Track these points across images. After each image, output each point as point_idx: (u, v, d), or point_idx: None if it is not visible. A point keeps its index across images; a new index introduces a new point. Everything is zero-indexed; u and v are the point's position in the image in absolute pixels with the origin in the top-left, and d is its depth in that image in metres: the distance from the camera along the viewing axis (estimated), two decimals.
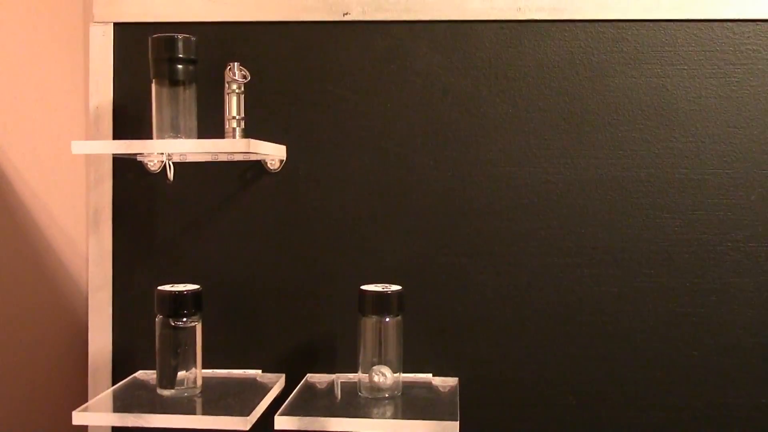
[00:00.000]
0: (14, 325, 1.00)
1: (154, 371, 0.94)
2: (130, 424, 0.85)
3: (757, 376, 0.97)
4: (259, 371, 1.02)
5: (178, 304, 0.90)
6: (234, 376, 1.01)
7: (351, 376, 0.98)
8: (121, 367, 1.04)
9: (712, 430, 0.98)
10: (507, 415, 1.00)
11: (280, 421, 0.84)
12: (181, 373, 0.92)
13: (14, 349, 1.00)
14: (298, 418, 0.84)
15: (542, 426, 1.00)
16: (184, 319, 0.91)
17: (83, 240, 1.14)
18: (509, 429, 1.00)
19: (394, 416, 0.86)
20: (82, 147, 0.85)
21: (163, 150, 0.84)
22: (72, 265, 1.12)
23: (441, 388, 0.96)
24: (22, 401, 1.02)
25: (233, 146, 0.84)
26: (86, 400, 1.04)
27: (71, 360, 1.15)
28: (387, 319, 0.91)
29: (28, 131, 1.02)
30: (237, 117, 0.91)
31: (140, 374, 1.02)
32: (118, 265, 1.04)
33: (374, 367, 0.91)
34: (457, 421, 0.83)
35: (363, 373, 0.93)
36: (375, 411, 0.87)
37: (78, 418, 0.85)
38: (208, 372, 1.00)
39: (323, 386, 0.98)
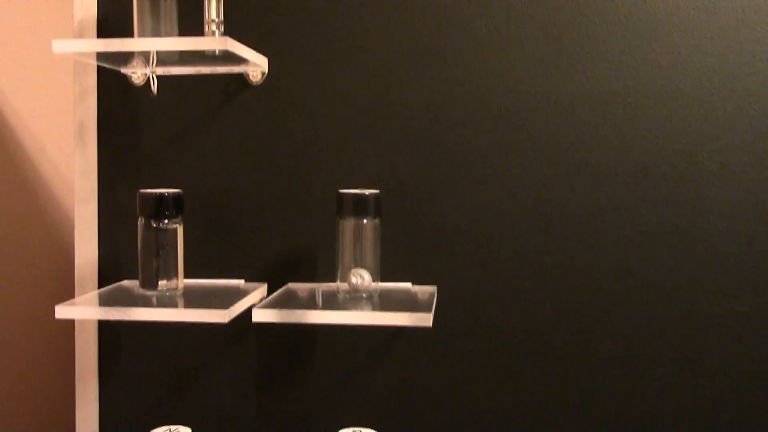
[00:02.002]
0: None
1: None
2: (112, 317, 0.86)
3: (732, 285, 0.99)
4: (242, 281, 1.04)
5: (159, 206, 0.92)
6: (216, 284, 1.03)
7: (331, 285, 1.00)
8: (106, 279, 1.06)
9: (687, 337, 1.00)
10: (483, 323, 1.02)
11: (258, 314, 0.86)
12: (162, 282, 0.94)
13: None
14: (276, 310, 0.86)
15: (519, 334, 1.02)
16: (166, 221, 0.92)
17: (67, 157, 1.15)
18: (486, 337, 1.02)
19: (372, 310, 0.88)
20: (63, 45, 0.86)
21: (142, 48, 0.85)
22: (55, 182, 1.13)
23: (419, 294, 0.98)
24: (10, 320, 1.04)
25: (211, 44, 0.85)
26: (73, 330, 1.06)
27: (57, 282, 1.16)
28: (365, 221, 0.92)
29: (14, 48, 1.03)
30: (216, 20, 0.93)
31: (125, 282, 1.04)
32: (104, 178, 1.06)
33: (353, 270, 0.93)
34: (431, 313, 0.85)
35: (341, 281, 0.94)
36: (353, 307, 0.89)
37: (61, 311, 0.86)
38: (191, 281, 1.02)
39: (304, 293, 0.99)
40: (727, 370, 1.00)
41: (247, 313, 0.88)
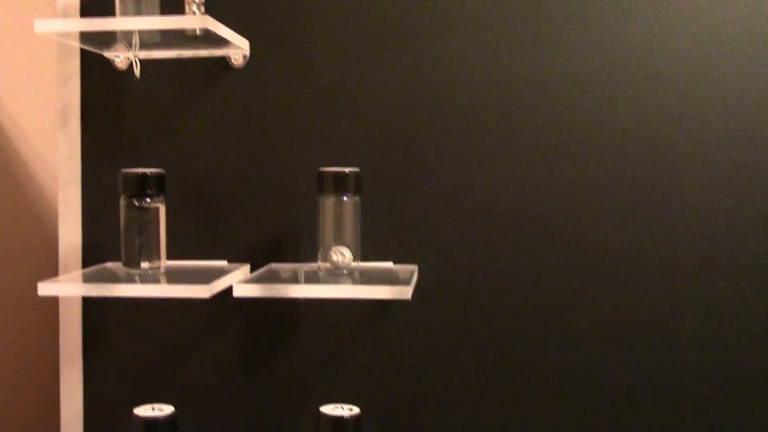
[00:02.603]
0: None
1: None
2: (95, 294, 0.87)
3: (708, 262, 1.01)
4: (225, 262, 1.05)
5: (141, 185, 0.93)
6: (199, 265, 1.04)
7: (312, 265, 1.01)
8: (90, 262, 1.07)
9: (664, 312, 1.01)
10: (464, 302, 1.03)
11: (239, 289, 0.87)
12: (145, 263, 0.94)
13: None
14: (258, 285, 0.87)
15: (499, 311, 1.03)
16: (148, 200, 0.93)
17: (48, 141, 1.16)
18: (466, 315, 1.03)
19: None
20: (45, 26, 0.87)
21: (123, 27, 0.86)
22: (36, 166, 1.14)
23: (400, 273, 0.99)
24: None
25: (192, 23, 0.86)
26: (57, 312, 1.07)
27: (41, 267, 1.17)
28: (345, 198, 0.93)
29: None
30: (197, 1, 0.94)
31: (108, 264, 1.05)
32: (87, 161, 1.07)
33: (333, 247, 0.94)
34: (410, 285, 0.86)
35: (322, 260, 0.95)
36: (333, 283, 0.90)
37: (44, 288, 0.87)
38: (174, 263, 1.03)
39: (286, 273, 1.00)
40: (703, 346, 1.01)
41: (231, 294, 0.89)
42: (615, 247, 1.02)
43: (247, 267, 1.02)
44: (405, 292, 0.85)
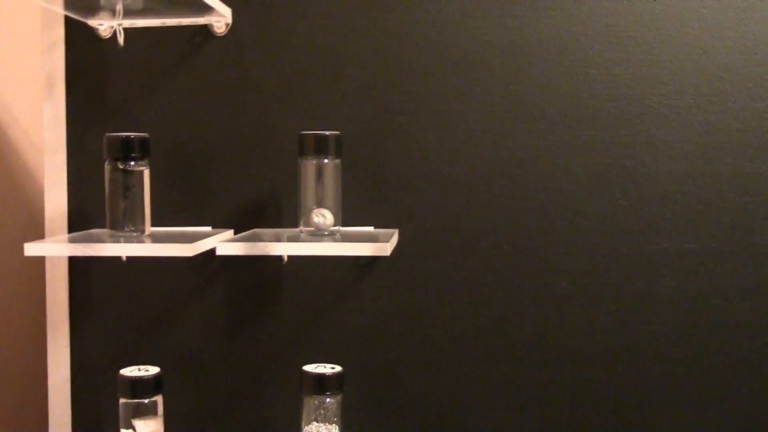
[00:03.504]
0: None
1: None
2: (81, 253, 0.89)
3: (681, 223, 1.03)
4: (209, 228, 1.07)
5: (126, 148, 0.94)
6: (183, 231, 1.05)
7: (295, 230, 1.02)
8: (76, 228, 1.08)
9: (638, 274, 1.04)
10: (444, 265, 1.05)
11: (222, 248, 0.89)
12: (130, 228, 0.96)
13: None
14: (240, 243, 0.89)
15: (478, 275, 1.05)
16: (132, 163, 0.95)
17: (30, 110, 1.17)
18: (446, 278, 1.06)
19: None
20: None
21: None
22: (18, 136, 1.15)
23: (381, 236, 1.01)
24: None
25: None
26: (44, 278, 1.08)
27: (27, 236, 1.18)
28: (326, 161, 0.95)
29: None
30: None
31: (94, 230, 1.06)
32: (72, 128, 1.08)
33: (315, 210, 0.96)
34: (389, 242, 0.88)
35: (305, 225, 0.97)
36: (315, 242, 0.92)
37: (30, 249, 0.89)
38: (158, 229, 1.05)
39: (269, 236, 1.02)
40: (677, 305, 1.04)
41: (215, 257, 0.91)
42: (591, 210, 1.04)
43: (230, 232, 1.04)
44: (385, 249, 0.87)
